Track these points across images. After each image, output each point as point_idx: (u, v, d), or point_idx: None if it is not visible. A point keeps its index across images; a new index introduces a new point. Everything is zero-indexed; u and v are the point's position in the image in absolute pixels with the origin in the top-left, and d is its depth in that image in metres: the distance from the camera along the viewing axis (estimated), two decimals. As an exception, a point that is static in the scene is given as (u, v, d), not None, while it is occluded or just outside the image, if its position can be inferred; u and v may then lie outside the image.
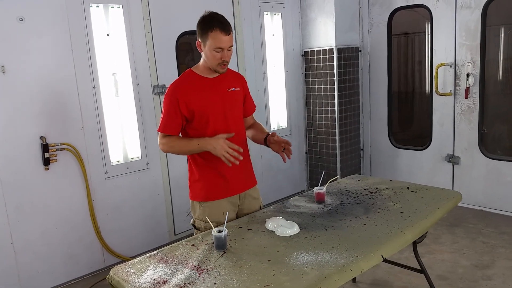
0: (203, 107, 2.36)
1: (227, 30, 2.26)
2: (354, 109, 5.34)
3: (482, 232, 4.11)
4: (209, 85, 2.40)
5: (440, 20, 4.69)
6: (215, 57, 2.29)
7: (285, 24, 5.13)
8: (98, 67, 3.64)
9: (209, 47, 2.27)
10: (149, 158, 4.03)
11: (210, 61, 2.33)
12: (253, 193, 2.62)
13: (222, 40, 2.25)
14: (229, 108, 2.44)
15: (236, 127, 2.48)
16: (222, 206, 2.45)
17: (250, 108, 2.68)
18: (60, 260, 3.54)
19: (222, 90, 2.43)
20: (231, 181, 2.46)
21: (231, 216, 2.49)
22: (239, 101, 2.53)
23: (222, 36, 2.24)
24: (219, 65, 2.32)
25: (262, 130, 2.66)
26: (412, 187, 2.91)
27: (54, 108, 3.41)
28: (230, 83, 2.47)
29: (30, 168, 3.32)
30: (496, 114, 5.14)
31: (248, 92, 2.65)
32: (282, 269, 1.83)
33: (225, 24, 2.27)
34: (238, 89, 2.51)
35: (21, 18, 3.20)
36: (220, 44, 2.25)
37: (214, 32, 2.24)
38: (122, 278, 1.86)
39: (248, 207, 2.59)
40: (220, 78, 2.43)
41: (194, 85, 2.38)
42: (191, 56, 5.05)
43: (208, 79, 2.41)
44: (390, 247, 2.08)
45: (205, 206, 2.45)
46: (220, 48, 2.26)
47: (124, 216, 3.90)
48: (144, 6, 3.88)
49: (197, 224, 2.48)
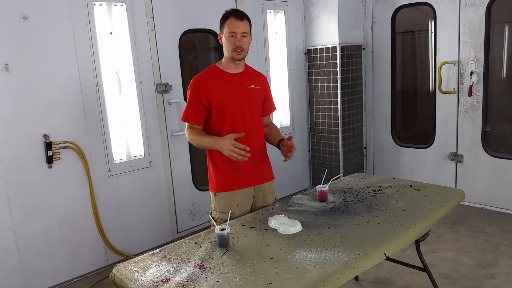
0: (222, 100, 2.48)
1: (240, 16, 2.44)
2: (357, 107, 5.33)
3: (485, 230, 4.10)
4: (230, 80, 2.53)
5: (444, 18, 4.67)
6: (230, 43, 2.44)
7: (288, 22, 5.12)
8: (102, 65, 3.65)
9: (225, 34, 2.45)
10: (152, 156, 4.04)
11: (227, 49, 2.48)
12: (268, 187, 2.72)
13: (235, 25, 2.42)
14: (248, 104, 2.55)
15: (253, 123, 2.59)
16: (236, 198, 2.57)
17: (269, 108, 2.79)
18: (63, 258, 3.55)
19: (242, 86, 2.54)
20: (245, 174, 2.57)
21: (245, 209, 2.61)
22: (258, 99, 2.65)
23: (235, 21, 2.42)
24: (235, 51, 2.45)
25: (278, 133, 2.77)
26: (415, 185, 2.90)
27: (57, 106, 3.42)
28: (251, 81, 2.59)
29: (33, 166, 3.33)
30: (500, 112, 5.12)
31: (269, 92, 2.76)
32: (284, 267, 1.83)
33: (240, 12, 2.46)
34: (258, 88, 2.62)
35: (25, 17, 3.21)
36: (234, 29, 2.42)
37: (229, 20, 2.44)
38: (125, 276, 1.86)
39: (263, 200, 2.70)
40: (241, 75, 2.56)
41: (215, 79, 2.51)
42: (194, 54, 5.05)
43: (230, 74, 2.54)
44: (393, 246, 2.08)
45: (220, 197, 2.58)
46: (234, 33, 2.42)
47: (127, 214, 3.91)
48: (148, 4, 3.88)
49: (214, 215, 2.60)
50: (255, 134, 2.61)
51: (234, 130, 2.50)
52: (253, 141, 2.57)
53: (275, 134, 2.76)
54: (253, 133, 2.59)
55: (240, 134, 2.45)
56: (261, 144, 2.69)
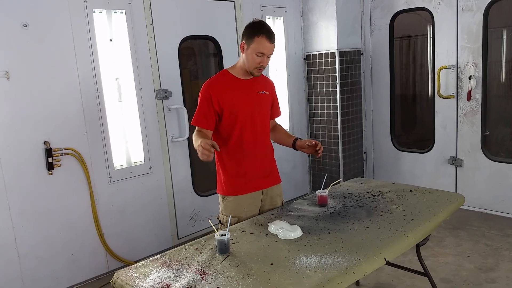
0: (234, 106, 2.52)
1: (272, 39, 2.45)
2: (356, 112, 5.34)
3: (486, 234, 4.09)
4: (242, 86, 2.56)
5: (442, 23, 4.70)
6: (255, 60, 2.46)
7: (287, 28, 5.15)
8: (102, 72, 3.66)
9: (252, 50, 2.44)
10: (152, 163, 4.04)
11: (249, 63, 2.49)
12: (276, 190, 2.77)
13: (266, 46, 2.43)
14: (258, 110, 2.60)
15: (262, 129, 2.65)
16: (244, 202, 2.60)
17: (276, 113, 2.85)
18: (64, 265, 3.55)
19: (253, 93, 2.59)
20: (252, 178, 2.62)
21: (253, 213, 2.65)
22: (267, 105, 2.70)
23: (267, 43, 2.42)
24: (256, 69, 2.49)
25: (288, 134, 2.87)
26: (415, 189, 2.90)
27: (57, 113, 3.44)
28: (260, 87, 2.64)
29: (33, 173, 3.34)
30: (499, 116, 5.13)
31: (276, 97, 2.81)
32: (285, 273, 1.84)
33: (272, 33, 2.46)
34: (267, 93, 2.68)
35: (25, 24, 3.23)
36: (263, 50, 2.43)
37: (260, 38, 2.41)
38: (126, 282, 1.86)
39: (270, 203, 2.74)
40: (252, 81, 2.60)
41: (227, 85, 2.54)
42: (193, 60, 5.06)
43: (242, 80, 2.57)
44: (393, 250, 2.08)
45: (228, 201, 2.61)
46: (262, 53, 2.44)
47: (128, 220, 3.91)
48: (147, 11, 3.90)
49: (221, 218, 2.63)
50: (263, 139, 2.67)
51: (243, 135, 2.56)
52: (261, 145, 2.65)
53: (284, 134, 2.86)
54: (262, 137, 2.65)
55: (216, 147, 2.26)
56: (269, 149, 2.74)
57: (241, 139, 2.56)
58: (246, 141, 2.57)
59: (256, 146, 2.61)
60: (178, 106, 4.14)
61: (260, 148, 2.64)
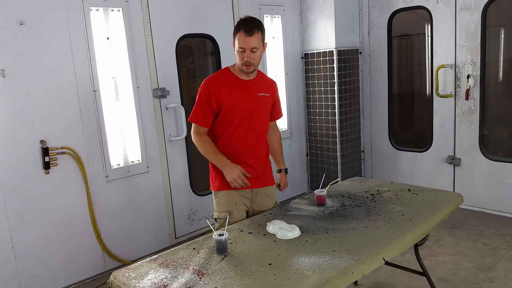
0: (232, 106, 2.50)
1: (249, 31, 2.38)
2: (354, 111, 5.34)
3: (484, 234, 4.10)
4: (242, 87, 2.55)
5: (440, 21, 4.69)
6: (239, 57, 2.45)
7: (285, 27, 5.13)
8: (98, 70, 3.64)
9: (235, 47, 2.45)
10: (150, 162, 4.02)
11: (237, 60, 2.50)
12: (267, 191, 2.75)
13: (244, 40, 2.39)
14: (256, 112, 2.58)
15: (259, 131, 2.63)
16: (234, 197, 2.60)
17: (276, 115, 2.83)
18: (61, 264, 3.53)
19: (252, 94, 2.57)
20: None
21: (241, 216, 2.62)
22: (267, 107, 2.68)
23: (244, 36, 2.39)
24: (244, 65, 2.47)
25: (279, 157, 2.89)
26: (413, 189, 2.90)
27: (54, 112, 3.41)
28: (261, 88, 2.61)
29: (30, 172, 3.32)
30: (497, 116, 5.13)
31: (277, 99, 2.79)
32: (283, 273, 1.83)
33: (250, 25, 2.39)
34: (268, 95, 2.65)
35: (21, 22, 3.20)
36: (243, 44, 2.40)
37: (239, 33, 2.41)
38: (123, 283, 1.85)
39: (261, 203, 2.72)
40: (252, 82, 2.58)
41: (227, 83, 2.53)
42: (191, 59, 5.04)
43: (242, 80, 2.56)
44: (392, 250, 2.08)
45: (219, 196, 2.63)
46: (242, 48, 2.41)
47: (125, 220, 3.89)
48: (144, 9, 3.88)
49: (215, 216, 2.64)
50: (259, 141, 2.66)
51: (238, 135, 2.55)
52: (255, 147, 2.63)
53: (275, 152, 2.87)
54: (258, 140, 2.63)
55: (248, 175, 2.50)
56: (264, 150, 2.73)
57: (235, 138, 2.56)
58: (240, 141, 2.56)
59: (250, 147, 2.60)
60: (175, 105, 4.12)
61: (254, 149, 2.63)
